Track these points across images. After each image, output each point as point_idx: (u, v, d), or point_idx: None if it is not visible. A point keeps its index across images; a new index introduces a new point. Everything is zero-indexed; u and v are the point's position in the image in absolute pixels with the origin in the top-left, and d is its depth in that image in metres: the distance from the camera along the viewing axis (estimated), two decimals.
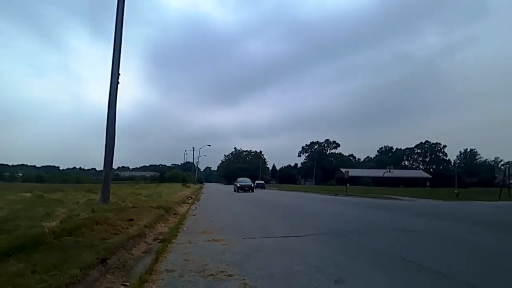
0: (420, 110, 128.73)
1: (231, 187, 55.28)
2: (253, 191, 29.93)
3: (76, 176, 63.03)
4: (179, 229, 6.39)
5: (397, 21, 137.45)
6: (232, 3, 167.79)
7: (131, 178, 72.38)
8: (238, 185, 30.57)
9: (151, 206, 9.14)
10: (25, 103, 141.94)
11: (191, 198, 17.88)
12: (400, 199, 21.14)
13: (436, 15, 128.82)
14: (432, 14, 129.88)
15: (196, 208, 11.63)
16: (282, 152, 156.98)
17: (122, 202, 9.34)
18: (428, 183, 52.11)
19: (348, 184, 69.32)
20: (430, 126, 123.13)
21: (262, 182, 60.40)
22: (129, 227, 5.63)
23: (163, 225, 7.07)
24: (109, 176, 8.20)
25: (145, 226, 5.99)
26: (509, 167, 25.43)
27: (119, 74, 8.14)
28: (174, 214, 9.49)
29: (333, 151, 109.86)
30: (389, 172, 43.89)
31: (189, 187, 32.73)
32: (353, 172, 76.75)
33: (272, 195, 23.53)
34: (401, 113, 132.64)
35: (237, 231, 6.16)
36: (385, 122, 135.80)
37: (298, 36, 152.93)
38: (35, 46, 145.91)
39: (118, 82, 8.12)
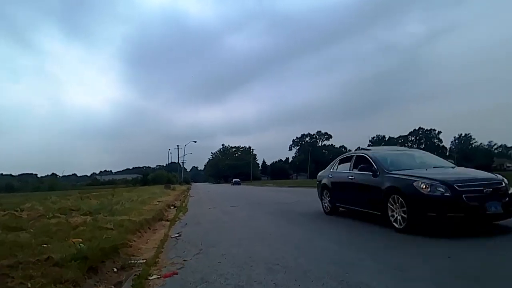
0: (411, 98, 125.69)
1: (222, 186, 49.21)
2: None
3: (51, 183, 57.65)
4: None
5: (380, 9, 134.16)
6: None
7: (111, 182, 66.24)
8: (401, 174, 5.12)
9: (47, 258, 3.22)
10: (0, 109, 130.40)
11: (174, 207, 11.92)
12: None
13: (418, 1, 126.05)
14: (414, 1, 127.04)
15: (180, 235, 5.73)
16: (272, 147, 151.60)
17: None
18: None
19: None
20: (423, 113, 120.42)
21: (238, 180, 61.96)
22: None
23: None
24: None
25: None
26: None
27: None
28: (120, 269, 3.62)
29: (325, 142, 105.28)
30: None
31: (173, 189, 26.61)
32: None
33: (291, 194, 17.71)
34: (391, 102, 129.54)
35: None
36: (375, 111, 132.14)
37: (281, 28, 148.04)
38: (8, 49, 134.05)
39: None
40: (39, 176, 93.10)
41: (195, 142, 66.46)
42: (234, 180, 63.83)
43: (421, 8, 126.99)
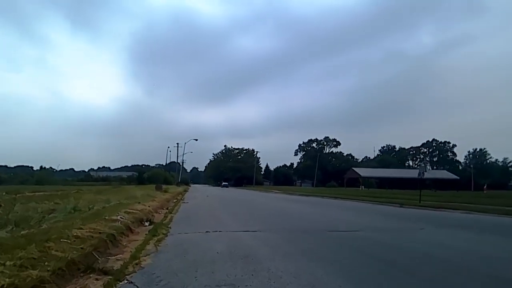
0: (423, 108, 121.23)
1: (223, 190, 43.97)
2: None
3: (39, 177, 53.05)
4: None
5: (393, 18, 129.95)
6: None
7: (105, 179, 62.16)
8: None
9: None
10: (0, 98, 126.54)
11: (150, 222, 7.27)
12: None
13: (433, 12, 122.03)
14: (428, 12, 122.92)
15: None
16: (276, 152, 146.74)
17: None
18: (485, 186, 42.23)
19: (362, 187, 59.19)
20: (437, 124, 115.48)
21: (227, 183, 64.33)
22: None
23: None
24: None
25: None
26: None
27: None
28: None
29: (332, 149, 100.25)
30: (426, 172, 33.97)
31: (165, 191, 21.93)
32: (366, 172, 66.82)
33: (329, 208, 13.04)
34: (402, 111, 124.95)
35: None
36: (384, 120, 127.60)
37: (290, 31, 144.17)
38: (11, 39, 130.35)
39: None
40: (34, 169, 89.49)
41: (196, 140, 61.46)
42: (223, 183, 64.86)
43: (433, 19, 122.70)
